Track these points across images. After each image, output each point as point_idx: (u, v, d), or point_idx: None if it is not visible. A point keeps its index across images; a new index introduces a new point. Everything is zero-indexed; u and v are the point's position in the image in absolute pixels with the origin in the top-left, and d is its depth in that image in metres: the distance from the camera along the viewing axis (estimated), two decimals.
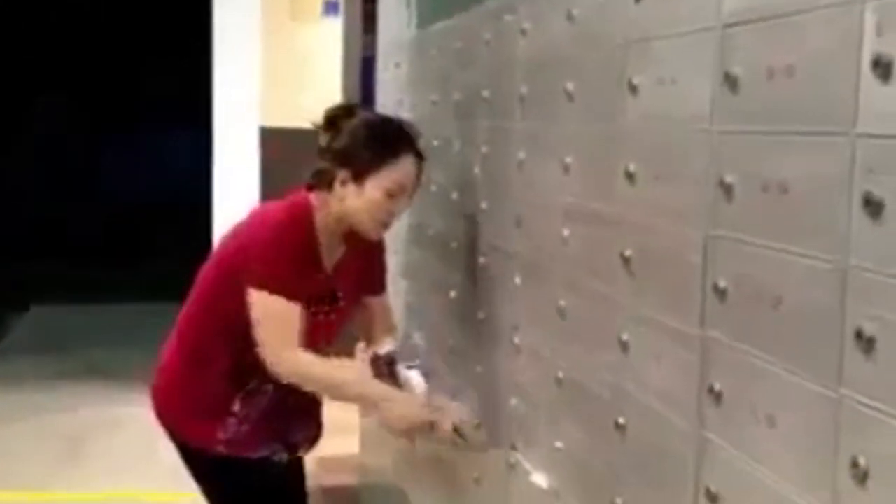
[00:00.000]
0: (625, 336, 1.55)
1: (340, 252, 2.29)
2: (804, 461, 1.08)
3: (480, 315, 2.35)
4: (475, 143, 2.39)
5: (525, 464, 2.03)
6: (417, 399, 2.18)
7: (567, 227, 1.80)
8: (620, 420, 1.56)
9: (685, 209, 1.36)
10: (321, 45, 5.55)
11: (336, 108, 2.31)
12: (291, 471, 2.41)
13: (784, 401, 1.12)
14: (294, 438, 2.36)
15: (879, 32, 0.95)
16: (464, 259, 2.49)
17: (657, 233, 1.45)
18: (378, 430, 2.60)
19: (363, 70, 5.13)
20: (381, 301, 2.46)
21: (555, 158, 1.84)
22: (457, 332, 2.58)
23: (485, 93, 2.32)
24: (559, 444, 1.85)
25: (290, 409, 2.30)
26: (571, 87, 1.78)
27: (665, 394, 1.42)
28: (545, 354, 1.93)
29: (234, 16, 5.31)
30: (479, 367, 2.36)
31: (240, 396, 2.23)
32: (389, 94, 3.52)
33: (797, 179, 1.09)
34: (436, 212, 2.73)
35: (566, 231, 1.81)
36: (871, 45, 0.96)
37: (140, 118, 10.00)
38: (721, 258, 1.26)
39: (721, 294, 1.25)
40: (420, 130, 2.31)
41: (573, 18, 1.78)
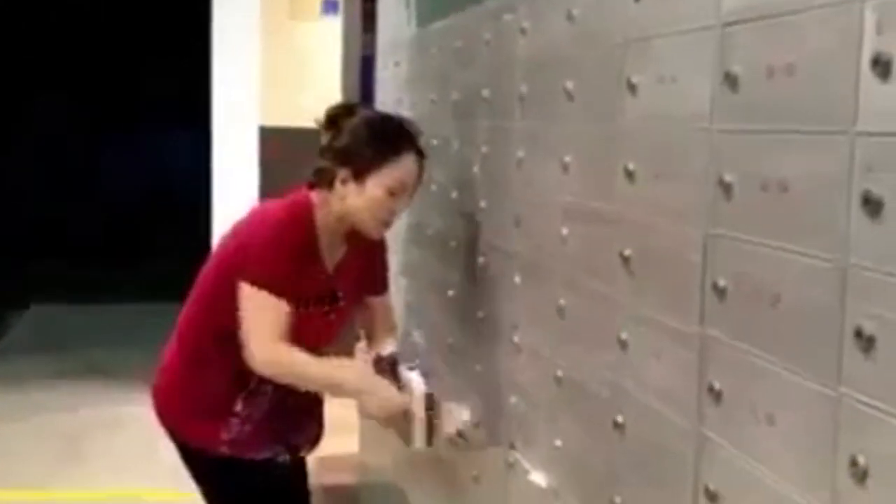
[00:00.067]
0: (624, 335, 1.55)
1: (342, 251, 2.28)
2: (803, 460, 1.08)
3: (480, 314, 2.35)
4: (475, 143, 2.39)
5: (524, 463, 2.03)
6: (390, 386, 2.15)
7: (566, 227, 1.80)
8: (619, 419, 1.56)
9: (685, 208, 1.36)
10: (320, 45, 5.55)
11: (337, 107, 2.30)
12: (294, 471, 2.40)
13: (783, 399, 1.12)
14: (296, 439, 2.36)
15: (879, 31, 0.95)
16: (463, 258, 2.49)
17: (656, 232, 1.45)
18: (377, 430, 2.60)
19: (362, 69, 5.13)
20: (384, 301, 2.45)
21: (554, 158, 1.84)
22: (456, 331, 2.58)
23: (484, 92, 2.32)
24: (558, 443, 1.85)
25: (292, 410, 2.29)
26: (571, 87, 1.78)
27: (664, 392, 1.42)
28: (544, 353, 1.93)
29: (234, 15, 5.31)
30: (479, 366, 2.36)
31: (242, 396, 2.23)
32: (389, 94, 3.52)
33: (797, 178, 1.09)
34: (435, 211, 2.73)
35: (565, 230, 1.81)
36: (871, 44, 0.96)
37: (140, 118, 9.98)
38: (720, 257, 1.26)
39: (720, 293, 1.25)
40: (421, 129, 2.30)
41: (573, 18, 1.78)
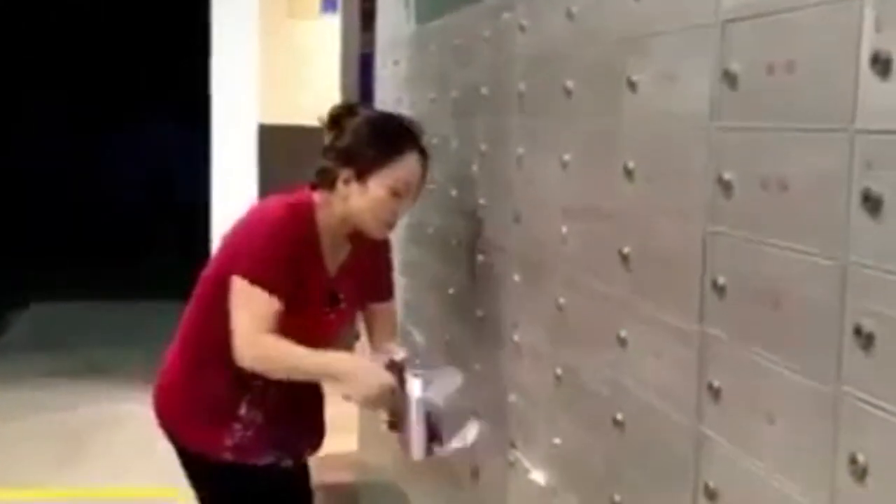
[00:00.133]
0: (623, 333, 1.55)
1: (345, 253, 2.24)
2: (803, 458, 1.08)
3: (479, 312, 2.35)
4: (474, 141, 2.39)
5: (524, 461, 2.03)
6: (379, 367, 2.09)
7: (566, 225, 1.80)
8: (619, 417, 1.56)
9: (684, 206, 1.36)
10: (319, 43, 5.55)
11: (340, 107, 2.27)
12: (297, 475, 2.36)
13: (783, 397, 1.12)
14: (299, 444, 2.32)
15: (878, 28, 0.95)
16: (463, 256, 2.48)
17: (656, 230, 1.45)
18: (377, 428, 2.60)
19: (362, 67, 5.13)
20: (389, 307, 2.40)
21: (554, 155, 1.84)
22: (456, 330, 2.57)
23: (483, 90, 2.32)
24: (558, 441, 1.85)
25: (295, 414, 2.26)
26: (570, 85, 1.78)
27: (664, 390, 1.42)
28: (544, 351, 1.93)
29: (233, 13, 5.30)
30: (478, 365, 2.36)
31: (246, 400, 2.19)
32: (388, 92, 3.52)
33: (796, 176, 1.09)
34: (435, 209, 2.73)
35: (565, 228, 1.80)
36: (870, 42, 0.96)
37: (139, 116, 9.99)
38: (720, 255, 1.26)
39: (720, 291, 1.25)
40: (423, 128, 2.26)
41: (572, 15, 1.78)
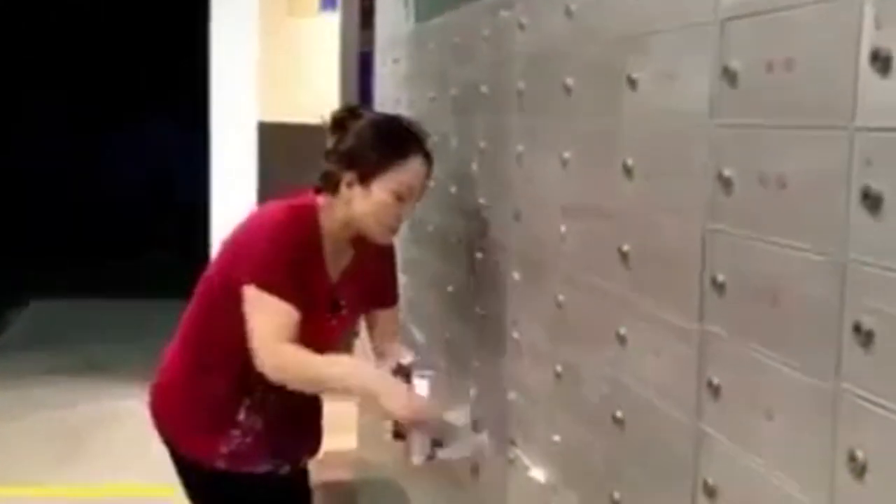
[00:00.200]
0: (623, 330, 1.55)
1: (347, 258, 2.21)
2: (802, 455, 1.08)
3: (479, 310, 2.35)
4: (473, 139, 2.39)
5: (524, 458, 2.03)
6: (409, 387, 2.06)
7: (565, 223, 1.80)
8: (619, 414, 1.56)
9: (684, 203, 1.36)
10: (319, 41, 5.55)
11: (342, 110, 2.25)
12: (295, 481, 2.34)
13: (782, 394, 1.12)
14: (297, 450, 2.30)
15: (878, 26, 0.95)
16: (462, 254, 2.48)
17: (656, 227, 1.45)
18: (376, 426, 2.60)
19: (361, 66, 5.13)
20: (394, 312, 2.37)
21: (553, 153, 1.84)
22: (455, 328, 2.58)
23: (483, 88, 2.32)
24: (557, 439, 1.85)
25: (294, 420, 2.24)
26: (570, 82, 1.78)
27: (663, 388, 1.42)
28: (544, 349, 1.93)
29: (232, 11, 5.31)
30: (478, 363, 2.36)
31: (245, 405, 2.17)
32: (388, 90, 3.52)
33: (796, 173, 1.09)
34: (434, 208, 2.73)
35: (564, 226, 1.80)
36: (870, 39, 0.96)
37: (139, 113, 10.00)
38: (719, 252, 1.26)
39: (719, 288, 1.25)
40: (427, 131, 2.23)
41: (571, 13, 1.78)
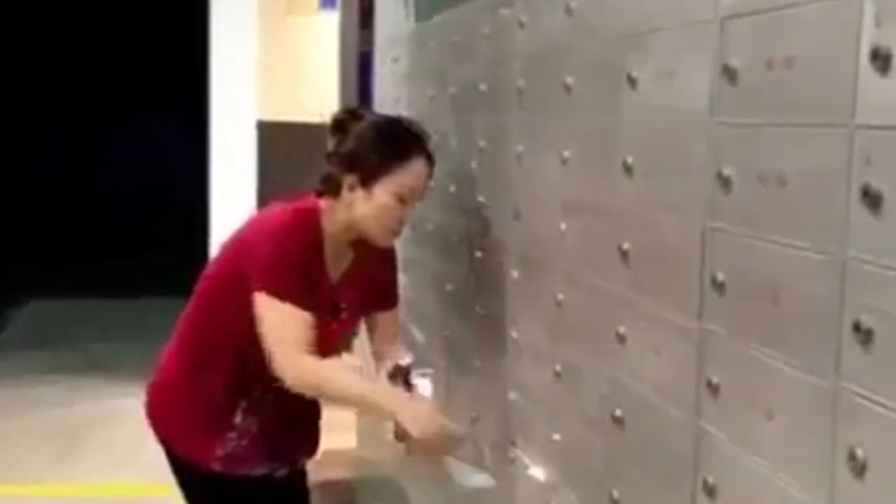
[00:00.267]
0: (623, 329, 1.54)
1: (347, 261, 2.19)
2: (802, 453, 1.08)
3: (478, 309, 2.35)
4: (473, 138, 2.39)
5: (523, 458, 2.03)
6: (431, 407, 2.02)
7: (565, 221, 1.80)
8: (618, 413, 1.56)
9: (683, 202, 1.36)
10: (318, 40, 5.54)
11: (343, 112, 2.24)
12: (292, 482, 2.31)
13: (782, 393, 1.12)
14: (294, 453, 2.28)
15: (878, 24, 0.95)
16: (462, 253, 2.48)
17: (655, 226, 1.45)
18: (375, 425, 2.60)
19: (360, 65, 5.12)
20: (394, 314, 2.35)
21: (553, 152, 1.84)
22: (455, 327, 2.58)
23: (482, 86, 2.31)
24: (557, 438, 1.85)
25: (291, 423, 2.22)
26: (570, 81, 1.77)
27: (663, 387, 1.42)
28: (543, 348, 1.93)
29: (231, 10, 5.31)
30: (478, 361, 2.36)
31: (242, 407, 2.15)
32: (387, 89, 3.52)
33: (796, 171, 1.09)
34: (434, 206, 2.72)
35: (564, 225, 1.80)
36: (870, 37, 0.96)
37: (138, 112, 9.99)
38: (719, 251, 1.26)
39: (719, 287, 1.25)
40: (428, 132, 2.20)
41: (571, 11, 1.78)
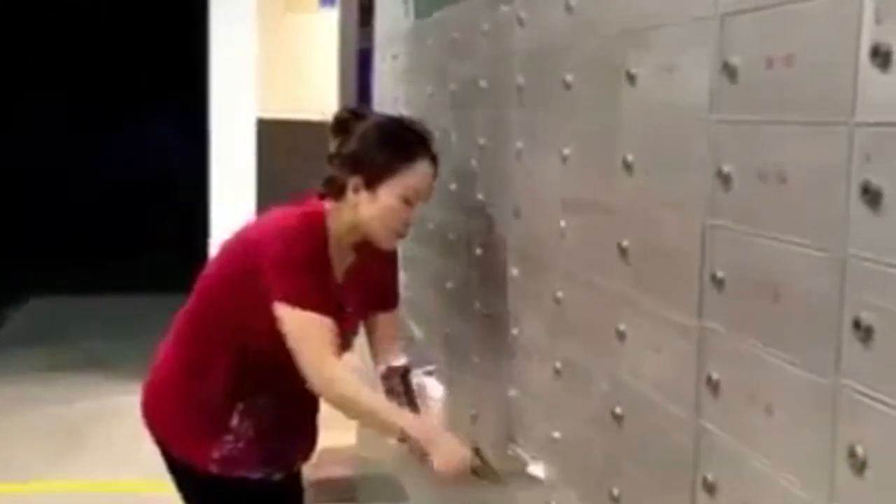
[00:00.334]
0: (622, 327, 1.54)
1: (349, 261, 2.17)
2: (802, 450, 1.08)
3: (478, 306, 2.35)
4: (473, 135, 2.38)
5: (523, 455, 2.02)
6: (460, 441, 1.98)
7: (565, 218, 1.80)
8: (618, 410, 1.56)
9: (683, 199, 1.36)
10: (317, 37, 5.54)
11: (345, 112, 2.21)
12: (287, 486, 2.28)
13: (782, 390, 1.12)
14: (290, 456, 2.25)
15: (878, 21, 0.95)
16: (462, 251, 2.48)
17: (655, 223, 1.45)
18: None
19: (360, 62, 5.12)
20: (394, 315, 2.33)
21: (553, 149, 1.84)
22: (455, 325, 2.57)
23: (482, 83, 2.31)
24: (557, 435, 1.85)
25: (288, 426, 2.19)
26: (569, 78, 1.77)
27: (663, 384, 1.42)
28: (543, 346, 1.93)
29: (231, 8, 5.30)
30: (478, 359, 2.36)
31: (239, 410, 2.12)
32: (387, 86, 3.52)
33: (795, 168, 1.09)
34: (434, 204, 2.72)
35: (564, 222, 1.80)
36: (870, 34, 0.96)
37: (138, 110, 9.99)
38: (719, 248, 1.26)
39: (719, 284, 1.25)
40: (432, 132, 2.16)
41: (571, 8, 1.78)
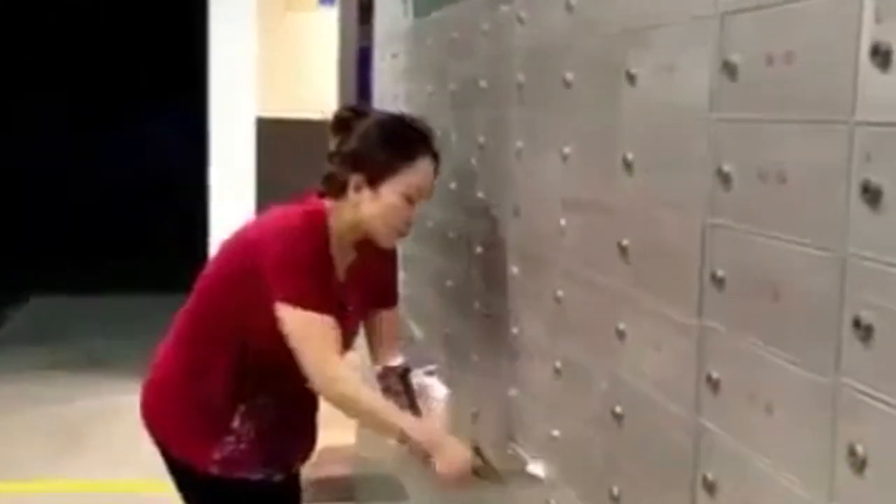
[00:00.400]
0: (622, 326, 1.54)
1: (350, 259, 2.16)
2: (802, 449, 1.08)
3: (478, 306, 2.35)
4: (473, 134, 2.38)
5: (523, 454, 2.03)
6: (461, 443, 1.98)
7: (565, 217, 1.80)
8: (618, 409, 1.56)
9: (683, 198, 1.36)
10: (317, 36, 5.54)
11: (345, 110, 2.20)
12: (287, 486, 2.27)
13: (782, 389, 1.12)
14: (290, 457, 2.24)
15: (878, 19, 0.95)
16: (462, 250, 2.48)
17: (655, 222, 1.45)
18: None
19: (359, 60, 5.12)
20: (394, 314, 2.32)
21: (553, 148, 1.84)
22: (455, 323, 2.57)
23: (482, 83, 2.31)
24: (557, 434, 1.85)
25: (288, 427, 2.19)
26: (569, 77, 1.77)
27: (663, 383, 1.42)
28: (543, 345, 1.93)
29: (230, 7, 5.30)
30: (477, 358, 2.36)
31: (240, 411, 2.10)
32: (386, 85, 3.52)
33: (796, 168, 1.09)
34: (434, 203, 2.71)
35: (564, 221, 1.80)
36: (870, 33, 0.96)
37: (137, 109, 9.99)
38: (719, 247, 1.26)
39: (719, 283, 1.25)
40: (433, 130, 2.15)
41: (571, 7, 1.78)
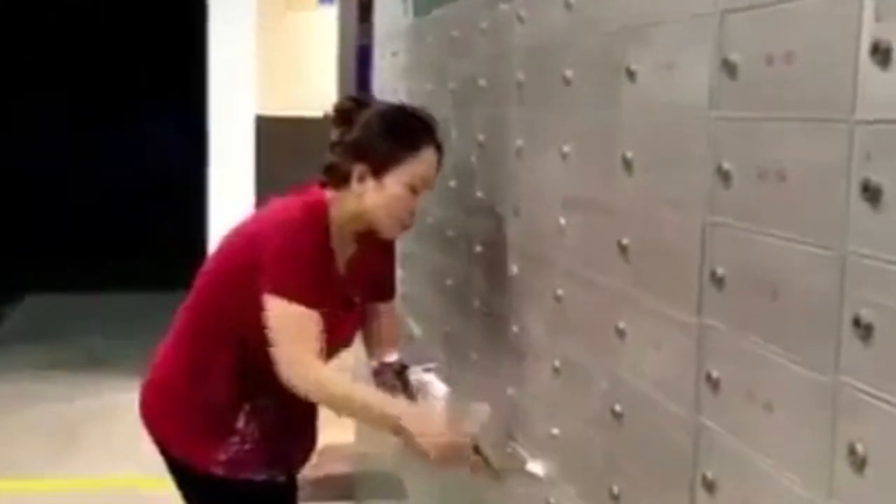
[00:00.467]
0: (622, 324, 1.54)
1: (350, 252, 2.15)
2: (802, 448, 1.08)
3: (477, 304, 2.35)
4: (472, 132, 2.38)
5: (522, 453, 2.03)
6: (442, 418, 1.98)
7: (565, 216, 1.80)
8: (618, 408, 1.56)
9: (683, 197, 1.35)
10: (317, 34, 5.54)
11: (347, 100, 2.19)
12: (286, 487, 2.27)
13: (782, 388, 1.11)
14: (293, 458, 2.25)
15: (878, 18, 0.95)
16: (461, 248, 2.48)
17: (655, 220, 1.45)
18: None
19: (359, 59, 5.12)
20: (391, 307, 2.33)
21: (552, 146, 1.84)
22: (454, 322, 2.57)
23: (482, 81, 2.31)
24: (556, 433, 1.85)
25: (292, 427, 2.18)
26: (569, 75, 1.77)
27: (662, 382, 1.42)
28: (542, 343, 1.93)
29: (230, 6, 5.30)
30: (477, 357, 2.36)
31: (245, 411, 2.10)
32: (386, 84, 3.51)
33: (795, 166, 1.09)
34: (433, 201, 2.72)
35: (563, 220, 1.80)
36: (870, 31, 0.96)
37: (137, 107, 9.99)
38: (719, 246, 1.26)
39: (719, 282, 1.25)
40: (437, 120, 2.16)
41: (570, 5, 1.78)
